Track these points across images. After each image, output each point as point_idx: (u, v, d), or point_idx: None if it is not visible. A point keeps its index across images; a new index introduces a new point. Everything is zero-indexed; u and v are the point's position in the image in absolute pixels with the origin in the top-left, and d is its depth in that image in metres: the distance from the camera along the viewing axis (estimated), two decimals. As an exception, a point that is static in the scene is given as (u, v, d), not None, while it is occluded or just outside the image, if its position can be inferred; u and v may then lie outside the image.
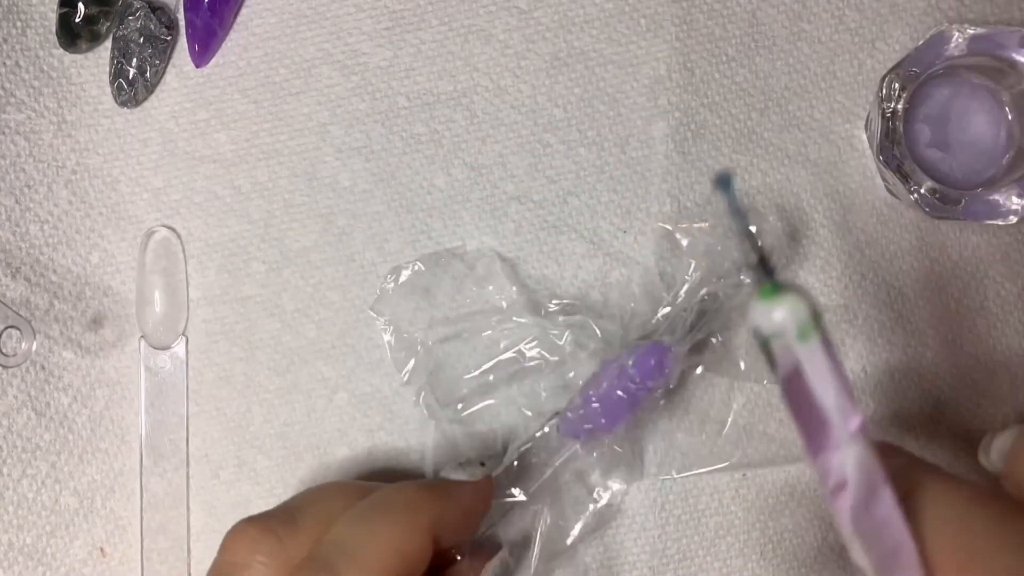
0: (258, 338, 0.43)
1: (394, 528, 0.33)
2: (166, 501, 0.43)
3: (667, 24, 0.44)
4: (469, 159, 0.43)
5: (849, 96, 0.43)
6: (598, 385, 0.39)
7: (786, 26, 0.44)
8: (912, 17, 0.43)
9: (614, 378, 0.39)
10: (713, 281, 0.40)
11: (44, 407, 0.43)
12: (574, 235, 0.43)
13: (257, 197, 0.43)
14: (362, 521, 0.33)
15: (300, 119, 0.44)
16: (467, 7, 0.44)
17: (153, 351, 0.43)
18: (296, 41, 0.44)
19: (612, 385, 0.39)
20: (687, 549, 0.42)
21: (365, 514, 0.33)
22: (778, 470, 0.42)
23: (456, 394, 0.42)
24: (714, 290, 0.40)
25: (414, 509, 0.34)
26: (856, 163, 0.43)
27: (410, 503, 0.34)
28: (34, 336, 0.43)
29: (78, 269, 0.43)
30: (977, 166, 0.42)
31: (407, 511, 0.33)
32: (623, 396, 0.38)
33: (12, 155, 0.43)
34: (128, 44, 0.42)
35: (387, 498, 0.34)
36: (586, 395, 0.39)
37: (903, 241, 0.43)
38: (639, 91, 0.43)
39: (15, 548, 0.42)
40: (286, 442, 0.43)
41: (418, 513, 0.33)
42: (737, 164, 0.43)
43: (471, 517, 0.37)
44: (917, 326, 0.43)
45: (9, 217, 0.43)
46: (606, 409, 0.39)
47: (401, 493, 0.34)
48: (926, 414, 0.43)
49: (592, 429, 0.39)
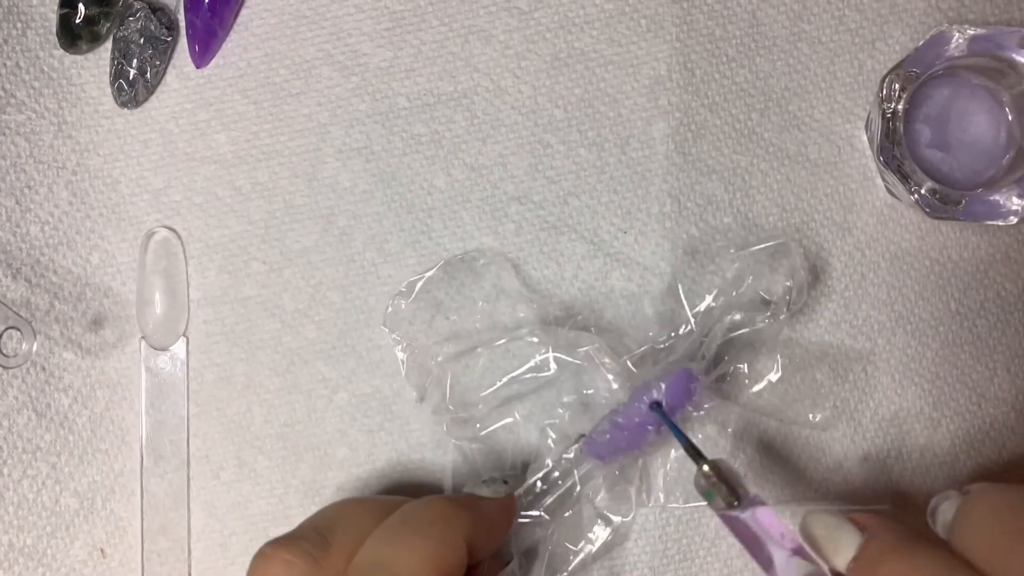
0: (258, 339, 0.43)
1: (431, 542, 0.32)
2: (166, 502, 0.43)
3: (667, 25, 0.44)
4: (469, 160, 0.43)
5: (849, 96, 0.43)
6: (627, 409, 0.39)
7: (786, 26, 0.44)
8: (912, 17, 0.43)
9: (643, 403, 0.39)
10: (736, 311, 0.40)
11: (44, 408, 0.43)
12: (574, 236, 0.43)
13: (257, 198, 0.44)
14: (398, 537, 0.32)
15: (300, 120, 0.44)
16: (467, 8, 0.44)
17: (153, 352, 0.43)
18: (296, 42, 0.44)
19: (640, 409, 0.39)
20: (687, 549, 0.42)
21: (400, 530, 0.32)
22: (778, 471, 0.42)
23: (473, 411, 0.41)
24: (740, 320, 0.40)
25: (449, 522, 0.33)
26: (856, 163, 0.43)
27: (445, 516, 0.33)
28: (34, 337, 0.43)
29: (78, 270, 0.43)
30: (977, 166, 0.42)
31: (442, 525, 0.33)
32: (647, 425, 0.39)
33: (12, 156, 0.43)
34: (128, 45, 0.42)
35: (420, 513, 0.33)
36: (614, 419, 0.39)
37: (903, 241, 0.43)
38: (639, 92, 0.43)
39: (15, 549, 0.42)
40: (286, 443, 0.43)
41: (453, 526, 0.33)
42: (737, 164, 0.43)
43: (498, 533, 0.36)
44: (917, 326, 0.43)
45: (10, 218, 0.43)
46: (632, 432, 0.39)
47: (433, 507, 0.34)
48: (926, 414, 0.43)
49: (616, 451, 0.39)
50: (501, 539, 0.37)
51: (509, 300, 0.42)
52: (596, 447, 0.39)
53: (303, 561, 0.32)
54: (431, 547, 0.32)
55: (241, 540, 0.43)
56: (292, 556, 0.32)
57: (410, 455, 0.43)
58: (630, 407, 0.39)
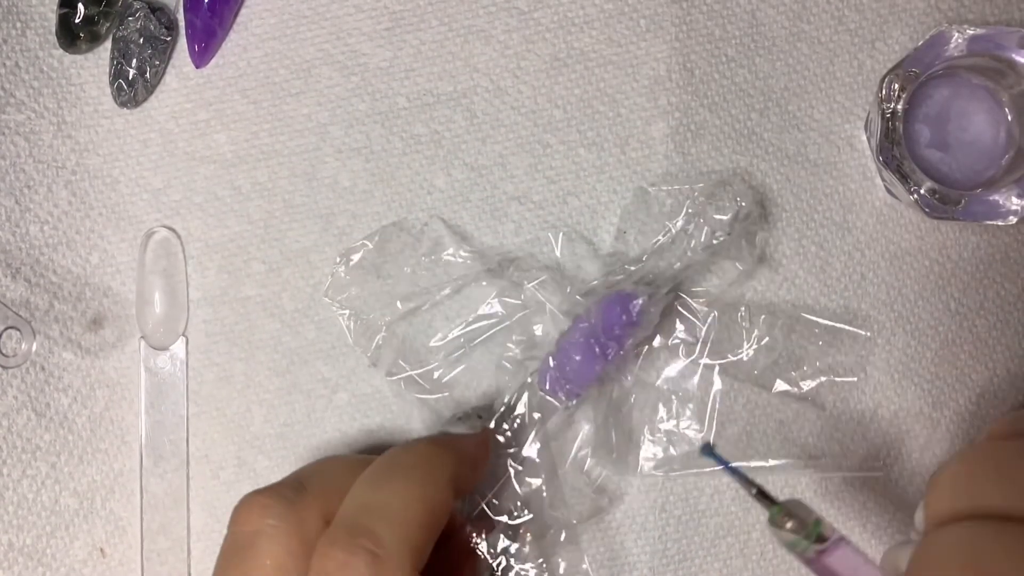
0: (258, 338, 0.43)
1: (418, 484, 0.33)
2: (166, 502, 0.43)
3: (667, 25, 0.44)
4: (469, 160, 0.43)
5: (849, 96, 0.43)
6: (569, 339, 0.39)
7: (786, 27, 0.44)
8: (912, 17, 0.43)
9: (585, 331, 0.39)
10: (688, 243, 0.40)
11: (44, 408, 0.43)
12: (574, 236, 0.43)
13: (257, 197, 0.44)
14: (385, 481, 0.33)
15: (300, 120, 0.44)
16: (467, 8, 0.44)
17: (153, 351, 0.43)
18: (296, 42, 0.44)
19: (582, 338, 0.39)
20: (687, 549, 0.42)
21: (385, 474, 0.33)
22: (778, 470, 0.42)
23: (428, 365, 0.42)
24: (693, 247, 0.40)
25: (432, 463, 0.34)
26: (856, 163, 0.43)
27: (428, 457, 0.34)
28: (34, 337, 0.43)
29: (78, 270, 0.43)
30: (977, 166, 0.42)
31: (427, 466, 0.34)
32: (594, 349, 0.39)
33: (12, 156, 0.43)
34: (128, 45, 0.42)
35: (404, 457, 0.34)
36: (559, 350, 0.39)
37: (903, 241, 0.43)
38: (639, 92, 0.43)
39: (15, 548, 0.42)
40: (286, 442, 0.43)
41: (437, 466, 0.34)
42: (737, 164, 0.43)
43: (478, 467, 0.38)
44: (917, 326, 0.43)
45: (9, 218, 0.43)
46: (581, 363, 0.39)
47: (415, 450, 0.35)
48: (926, 414, 0.43)
49: (571, 386, 0.39)
50: (482, 473, 0.38)
51: (450, 253, 0.42)
52: (550, 383, 0.40)
53: (279, 504, 0.33)
54: (418, 488, 0.33)
55: (241, 540, 0.43)
56: (268, 499, 0.33)
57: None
58: (571, 331, 0.39)
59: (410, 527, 0.32)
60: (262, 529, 0.32)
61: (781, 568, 0.42)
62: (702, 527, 0.42)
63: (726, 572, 0.42)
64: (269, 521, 0.32)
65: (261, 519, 0.32)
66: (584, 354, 0.39)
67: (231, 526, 0.33)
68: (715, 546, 0.42)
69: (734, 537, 0.42)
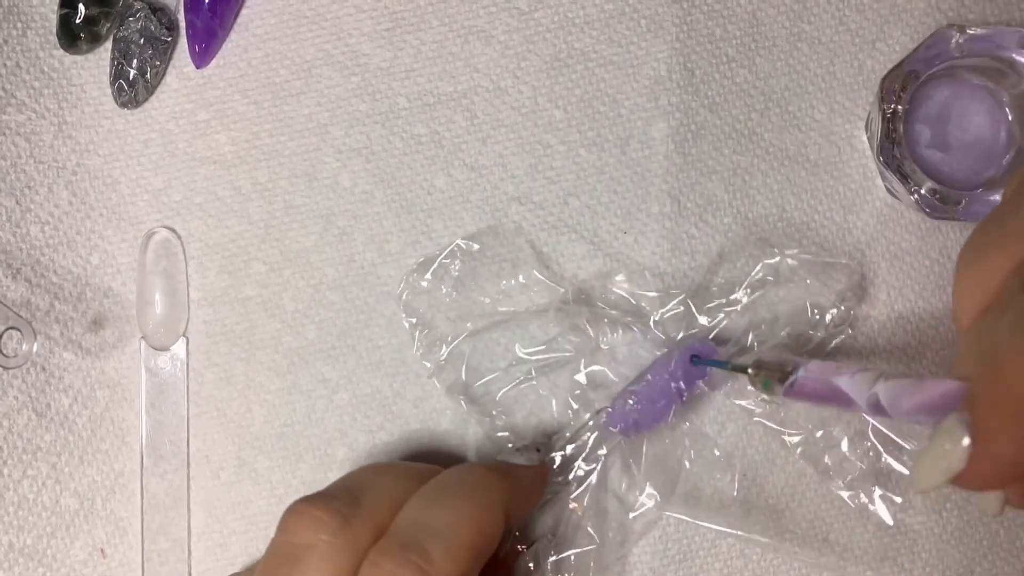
0: (258, 339, 0.43)
1: (472, 506, 0.33)
2: (167, 502, 0.43)
3: (667, 25, 0.44)
4: (469, 160, 0.43)
5: (849, 96, 0.43)
6: (645, 380, 0.40)
7: (786, 27, 0.44)
8: (912, 17, 0.43)
9: (667, 375, 0.39)
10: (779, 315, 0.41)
11: (45, 408, 0.43)
12: (574, 236, 0.43)
13: (257, 198, 0.44)
14: (441, 500, 0.33)
15: (300, 120, 0.44)
16: (467, 8, 0.44)
17: (153, 352, 0.43)
18: (296, 42, 0.44)
19: (665, 382, 0.39)
20: (687, 549, 0.42)
21: (442, 493, 0.33)
22: (778, 470, 0.42)
23: (490, 386, 0.42)
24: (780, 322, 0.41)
25: (489, 488, 0.34)
26: (856, 163, 0.43)
27: (485, 482, 0.34)
28: (35, 337, 0.43)
29: (78, 270, 0.43)
30: (977, 166, 0.42)
31: (483, 490, 0.34)
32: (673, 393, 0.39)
33: (12, 156, 0.43)
34: (128, 45, 0.42)
35: (461, 478, 0.34)
36: (640, 392, 0.40)
37: (903, 241, 0.43)
38: (639, 92, 0.43)
39: (15, 549, 0.42)
40: (287, 443, 0.43)
41: (492, 492, 0.34)
42: (737, 164, 0.43)
43: (532, 499, 0.38)
44: (917, 326, 0.43)
45: (9, 218, 0.43)
46: (662, 407, 0.40)
47: (473, 473, 0.35)
48: (926, 414, 0.43)
49: (637, 422, 0.40)
50: (535, 505, 0.38)
51: (526, 279, 0.42)
52: (617, 417, 0.40)
53: (333, 519, 0.32)
54: (472, 511, 0.33)
55: (241, 540, 0.43)
56: (322, 513, 0.32)
57: (420, 439, 0.43)
58: (654, 373, 0.40)
59: (460, 549, 0.31)
60: (315, 544, 0.31)
61: (782, 568, 0.42)
62: (702, 527, 0.42)
63: (726, 572, 0.42)
64: (323, 537, 0.31)
65: (314, 533, 0.32)
66: (667, 398, 0.39)
67: (280, 534, 0.32)
68: (715, 546, 0.42)
69: (734, 537, 0.42)
